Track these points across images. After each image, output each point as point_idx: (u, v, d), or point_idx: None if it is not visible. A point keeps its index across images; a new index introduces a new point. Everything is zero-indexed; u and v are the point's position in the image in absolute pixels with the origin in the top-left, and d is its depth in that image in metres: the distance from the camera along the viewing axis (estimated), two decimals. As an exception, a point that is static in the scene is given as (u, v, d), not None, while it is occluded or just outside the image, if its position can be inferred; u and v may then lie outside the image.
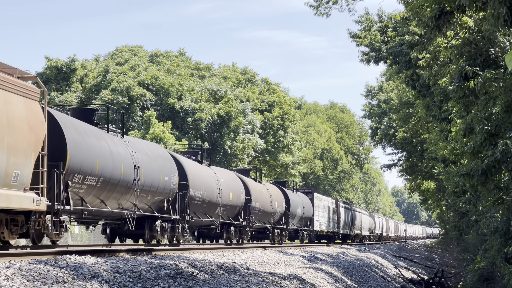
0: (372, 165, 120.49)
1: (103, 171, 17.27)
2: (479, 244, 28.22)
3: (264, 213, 33.70)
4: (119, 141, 19.37)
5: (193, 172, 24.76)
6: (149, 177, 20.29)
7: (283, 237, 37.51)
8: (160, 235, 21.53)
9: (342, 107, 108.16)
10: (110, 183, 17.75)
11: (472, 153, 16.32)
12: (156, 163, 21.25)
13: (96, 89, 51.61)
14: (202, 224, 26.92)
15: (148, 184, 20.24)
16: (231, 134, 53.48)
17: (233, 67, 67.05)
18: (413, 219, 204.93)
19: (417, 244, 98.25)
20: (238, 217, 29.83)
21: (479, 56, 15.61)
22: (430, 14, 14.53)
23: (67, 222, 15.86)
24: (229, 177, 29.95)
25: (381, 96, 67.28)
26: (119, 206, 18.86)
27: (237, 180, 30.78)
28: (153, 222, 21.27)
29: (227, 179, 29.03)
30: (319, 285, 17.83)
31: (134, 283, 11.49)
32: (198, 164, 26.77)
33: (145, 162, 20.23)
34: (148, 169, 20.25)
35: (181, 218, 22.88)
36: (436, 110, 27.10)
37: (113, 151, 18.19)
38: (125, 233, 21.95)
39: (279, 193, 37.58)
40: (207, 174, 26.77)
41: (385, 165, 66.08)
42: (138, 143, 21.38)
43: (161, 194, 21.48)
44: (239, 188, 30.25)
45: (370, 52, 31.55)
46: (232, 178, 30.32)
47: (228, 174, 30.55)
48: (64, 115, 16.88)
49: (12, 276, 9.73)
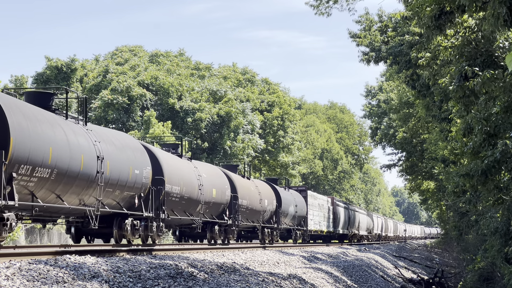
0: (372, 165, 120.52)
1: (58, 162, 15.23)
2: (479, 244, 28.23)
3: (253, 211, 31.91)
4: (80, 129, 17.28)
5: (170, 166, 22.69)
6: (116, 170, 18.23)
7: (274, 237, 35.71)
8: (130, 234, 19.62)
9: (342, 107, 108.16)
10: (67, 175, 15.73)
11: (472, 153, 16.31)
12: (125, 155, 19.15)
13: (96, 89, 51.62)
14: (181, 223, 25.31)
15: (115, 177, 18.17)
16: (231, 134, 53.48)
17: (233, 67, 67.06)
18: (413, 219, 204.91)
19: (417, 244, 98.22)
20: (223, 215, 27.91)
21: (479, 56, 15.60)
22: (430, 14, 14.53)
23: (13, 220, 13.91)
24: (213, 172, 27.86)
25: (381, 96, 67.29)
26: (80, 202, 16.97)
27: (222, 175, 28.71)
28: (122, 220, 19.37)
29: (210, 175, 27.00)
30: (319, 285, 17.83)
31: (134, 283, 11.48)
32: (176, 158, 24.75)
33: (112, 153, 18.20)
34: (115, 161, 18.20)
35: (156, 216, 20.93)
36: (436, 110, 27.10)
37: (71, 140, 16.13)
38: (92, 232, 19.93)
39: (269, 190, 35.76)
40: (187, 168, 24.69)
41: (385, 165, 66.11)
42: (103, 132, 19.21)
43: (131, 189, 19.40)
44: (224, 184, 28.16)
45: (370, 52, 31.53)
46: (216, 173, 28.23)
47: (212, 169, 28.47)
48: (10, 98, 14.94)
49: (12, 276, 9.73)
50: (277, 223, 35.55)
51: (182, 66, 60.20)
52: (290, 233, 40.48)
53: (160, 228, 21.28)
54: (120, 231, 19.32)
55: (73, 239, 20.00)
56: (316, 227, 46.09)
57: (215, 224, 27.20)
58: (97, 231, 19.39)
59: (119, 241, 19.31)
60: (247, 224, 31.50)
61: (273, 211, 35.30)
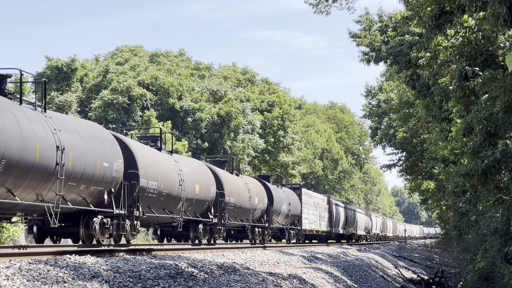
0: (372, 165, 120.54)
1: (7, 152, 13.66)
2: (479, 244, 28.23)
3: (241, 209, 30.18)
4: (37, 116, 15.62)
5: (146, 159, 20.87)
6: (80, 162, 16.54)
7: (266, 236, 33.88)
8: (99, 234, 17.95)
9: (342, 107, 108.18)
10: (19, 167, 14.12)
11: (472, 153, 16.32)
12: (91, 146, 17.40)
13: (96, 89, 51.61)
14: (160, 221, 23.71)
15: (78, 170, 16.46)
16: (231, 134, 53.48)
17: (233, 67, 67.07)
18: (413, 219, 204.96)
19: (417, 244, 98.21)
20: (208, 213, 26.13)
21: (479, 56, 15.61)
22: (430, 13, 14.53)
23: None
24: (196, 167, 26.00)
25: (381, 96, 67.32)
26: (38, 197, 15.32)
27: (206, 171, 26.81)
28: (91, 218, 17.78)
29: (193, 170, 25.20)
30: (319, 285, 17.83)
31: (134, 283, 11.48)
32: (154, 151, 22.93)
33: (75, 143, 16.48)
34: (79, 152, 16.51)
35: (129, 214, 19.21)
36: (436, 110, 27.10)
37: (23, 127, 14.49)
38: (56, 231, 18.32)
39: (260, 187, 33.81)
40: (166, 162, 22.94)
41: (385, 165, 66.14)
42: (66, 120, 17.29)
43: (99, 183, 17.64)
44: (209, 180, 26.33)
45: (370, 52, 31.55)
46: (200, 168, 26.37)
47: (195, 164, 26.61)
48: None
49: (12, 276, 9.73)
50: (268, 222, 33.90)
51: (182, 66, 60.22)
52: (284, 233, 39.02)
53: (134, 227, 19.62)
54: (88, 230, 17.74)
55: (36, 240, 18.20)
56: (312, 227, 44.43)
57: (199, 223, 25.59)
58: (63, 230, 18.24)
59: (86, 241, 17.80)
60: (235, 223, 29.98)
61: (264, 210, 33.65)
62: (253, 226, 32.32)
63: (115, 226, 18.79)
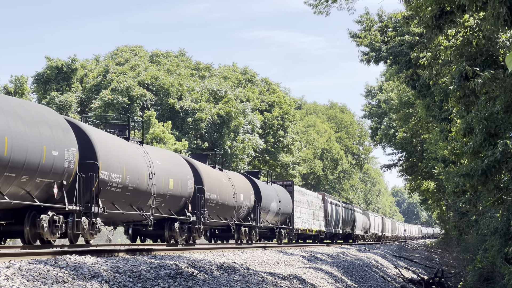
0: (372, 165, 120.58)
1: None
2: (479, 244, 28.22)
3: (224, 206, 28.05)
4: None
5: (108, 148, 18.78)
6: (20, 150, 14.52)
7: (253, 236, 31.52)
8: (48, 233, 15.97)
9: (342, 107, 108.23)
10: None
11: (472, 153, 16.32)
12: (36, 131, 15.30)
13: (96, 89, 51.64)
14: (129, 219, 21.40)
15: (18, 159, 14.42)
16: (231, 134, 53.50)
17: (233, 67, 67.09)
18: (413, 219, 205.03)
19: (417, 244, 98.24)
20: (185, 210, 24.07)
21: (479, 56, 15.61)
22: (431, 14, 14.53)
23: None
24: (170, 159, 23.89)
25: (381, 96, 67.34)
26: None
27: (183, 164, 24.61)
28: (38, 215, 15.79)
29: (167, 162, 23.07)
30: (319, 285, 17.83)
31: (134, 283, 11.48)
32: (119, 140, 20.61)
33: (13, 128, 14.47)
34: (18, 138, 14.54)
35: (86, 210, 17.21)
36: (436, 110, 27.11)
37: None
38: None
39: (247, 183, 31.37)
40: (134, 153, 20.64)
41: (385, 165, 66.14)
42: (4, 100, 15.20)
43: (46, 175, 15.54)
44: (185, 174, 24.12)
45: (370, 52, 31.55)
46: (175, 161, 24.23)
47: (169, 156, 24.51)
48: None
49: (12, 276, 9.73)
50: (256, 221, 31.61)
51: (182, 66, 60.25)
52: (274, 232, 36.65)
53: (94, 225, 17.57)
54: (34, 228, 15.75)
55: None
56: (305, 226, 41.77)
57: (175, 221, 23.43)
58: (5, 229, 16.24)
59: (32, 241, 15.87)
60: (217, 222, 27.96)
61: (251, 207, 31.31)
62: (239, 225, 30.20)
63: (71, 224, 16.69)
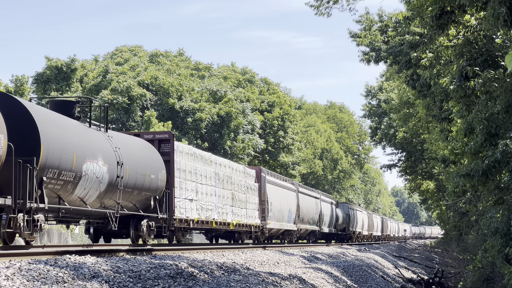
0: (372, 165, 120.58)
1: None
2: (479, 244, 28.23)
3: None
4: None
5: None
6: None
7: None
8: None
9: (340, 106, 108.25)
10: None
11: (473, 153, 16.32)
12: None
13: (96, 89, 51.62)
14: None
15: None
16: (231, 134, 53.50)
17: (232, 67, 67.08)
18: (413, 219, 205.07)
19: (417, 244, 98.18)
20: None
21: (480, 56, 15.61)
22: (431, 13, 14.54)
23: None
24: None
25: (381, 96, 67.37)
26: None
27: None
28: None
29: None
30: (319, 285, 17.82)
31: (134, 283, 11.48)
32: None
33: None
34: None
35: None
36: (436, 110, 27.11)
37: None
38: None
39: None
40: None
41: (385, 165, 66.16)
42: None
43: None
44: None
45: (370, 52, 31.58)
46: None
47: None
48: None
49: (12, 276, 9.72)
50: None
51: (182, 66, 60.27)
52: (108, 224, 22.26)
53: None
54: None
55: None
56: (207, 215, 25.60)
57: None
58: None
59: None
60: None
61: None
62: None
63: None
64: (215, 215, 26.59)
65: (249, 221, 30.87)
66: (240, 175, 30.93)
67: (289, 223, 37.80)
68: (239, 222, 29.52)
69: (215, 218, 26.54)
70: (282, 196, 36.99)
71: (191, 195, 24.37)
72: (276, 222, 35.10)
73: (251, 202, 31.65)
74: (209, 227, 26.48)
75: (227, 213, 28.05)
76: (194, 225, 24.40)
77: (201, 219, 25.03)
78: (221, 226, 27.42)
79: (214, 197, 26.78)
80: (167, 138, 23.16)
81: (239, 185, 30.24)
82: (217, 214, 26.86)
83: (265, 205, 33.21)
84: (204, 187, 25.74)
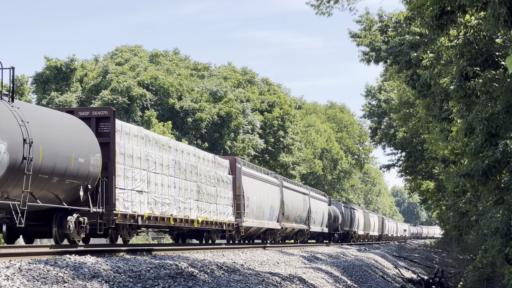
0: (372, 165, 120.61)
1: None
2: (479, 244, 28.22)
3: None
4: None
5: None
6: None
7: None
8: None
9: (341, 107, 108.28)
10: None
11: (473, 153, 16.33)
12: None
13: (96, 89, 51.59)
14: None
15: None
16: (231, 134, 53.50)
17: (230, 67, 67.03)
18: (413, 219, 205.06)
19: (417, 244, 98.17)
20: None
21: (480, 56, 15.61)
22: (431, 14, 14.54)
23: None
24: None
25: (381, 96, 67.38)
26: None
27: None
28: None
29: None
30: (319, 285, 17.82)
31: (134, 283, 11.48)
32: None
33: None
34: None
35: None
36: (436, 110, 27.12)
37: None
38: None
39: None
40: None
41: (384, 166, 66.18)
42: None
43: None
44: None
45: (370, 52, 31.58)
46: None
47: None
48: None
49: (12, 276, 9.72)
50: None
51: (181, 66, 60.27)
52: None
53: None
54: None
55: None
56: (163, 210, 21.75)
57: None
58: None
59: None
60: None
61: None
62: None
63: None
64: (174, 211, 22.30)
65: (220, 218, 26.60)
66: (208, 165, 26.42)
67: (271, 221, 33.41)
68: (207, 219, 25.14)
69: (173, 214, 22.21)
70: (263, 190, 32.47)
71: (141, 185, 20.06)
72: (254, 219, 30.75)
73: (223, 196, 27.34)
74: (166, 225, 22.09)
75: (190, 208, 23.74)
76: (144, 221, 20.14)
77: (154, 215, 20.72)
78: (182, 224, 23.01)
79: (173, 189, 22.43)
80: (106, 116, 18.71)
81: (207, 176, 25.78)
82: (177, 210, 22.57)
83: (241, 200, 28.98)
84: (160, 177, 21.46)
